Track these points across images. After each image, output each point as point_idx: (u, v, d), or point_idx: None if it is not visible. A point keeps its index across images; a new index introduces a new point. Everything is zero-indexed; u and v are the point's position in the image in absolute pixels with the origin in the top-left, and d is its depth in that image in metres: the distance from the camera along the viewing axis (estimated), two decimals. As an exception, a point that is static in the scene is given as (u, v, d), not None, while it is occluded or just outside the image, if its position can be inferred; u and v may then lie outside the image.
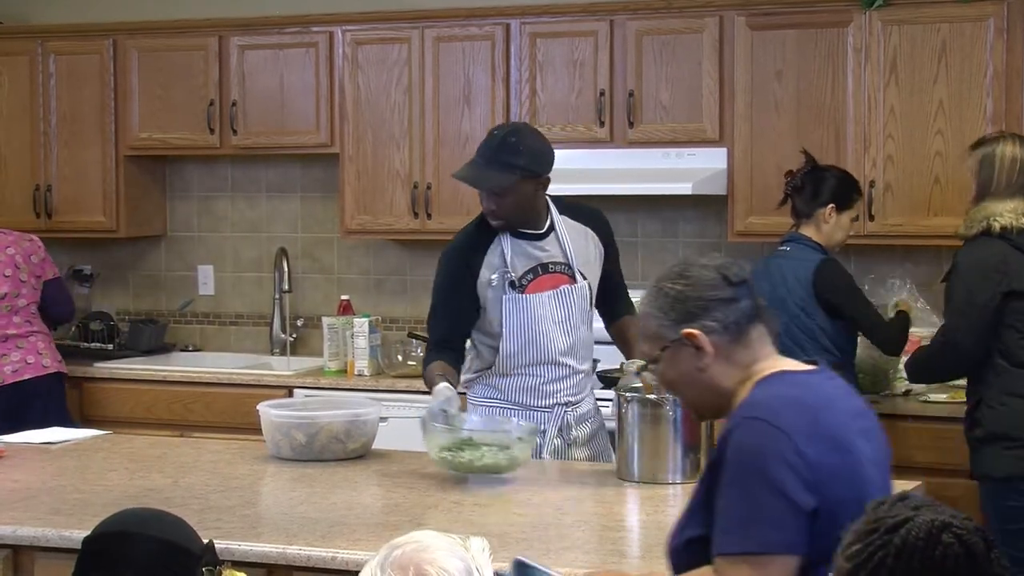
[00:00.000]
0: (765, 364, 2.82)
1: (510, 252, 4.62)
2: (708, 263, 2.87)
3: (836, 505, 2.62)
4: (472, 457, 4.18)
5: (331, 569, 3.44)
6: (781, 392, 2.76)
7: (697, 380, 2.82)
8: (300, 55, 6.69)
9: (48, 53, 7.11)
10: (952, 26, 5.73)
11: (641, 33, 6.14)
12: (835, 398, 2.81)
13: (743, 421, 2.71)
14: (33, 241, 6.45)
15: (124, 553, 2.44)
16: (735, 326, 2.80)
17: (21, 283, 6.31)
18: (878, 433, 2.87)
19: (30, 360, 6.25)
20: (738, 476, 2.67)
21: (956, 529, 2.07)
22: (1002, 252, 4.73)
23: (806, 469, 2.63)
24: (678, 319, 2.80)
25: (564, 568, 3.25)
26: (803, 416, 2.69)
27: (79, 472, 4.46)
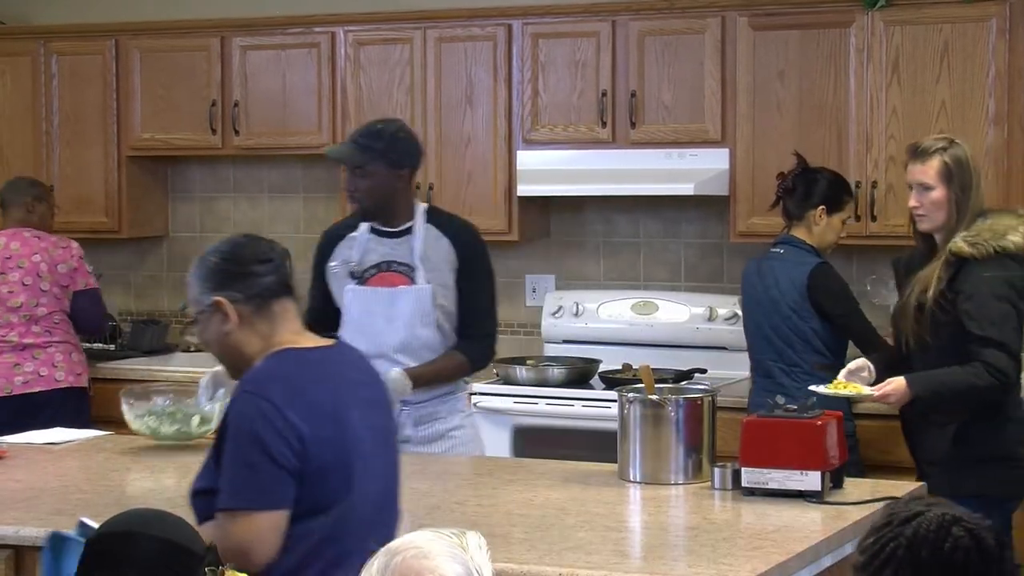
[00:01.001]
0: (283, 338, 3.16)
1: (363, 245, 4.80)
2: (245, 241, 3.23)
3: (322, 467, 3.05)
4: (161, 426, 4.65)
5: (333, 569, 3.44)
6: (279, 367, 3.12)
7: (224, 343, 3.19)
8: (302, 55, 6.70)
9: (50, 53, 7.11)
10: (954, 26, 5.74)
11: (643, 33, 6.15)
12: (337, 373, 3.19)
13: (242, 392, 3.09)
14: (67, 248, 6.34)
15: (127, 553, 2.45)
16: (258, 298, 3.14)
17: (42, 292, 6.22)
18: (385, 404, 3.33)
19: (43, 372, 6.19)
20: (234, 441, 3.06)
21: (967, 524, 2.10)
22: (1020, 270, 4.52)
23: (293, 437, 3.01)
24: (212, 287, 3.15)
25: (566, 568, 3.26)
26: (293, 389, 3.06)
27: (82, 472, 4.47)
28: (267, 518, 3.03)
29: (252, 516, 3.03)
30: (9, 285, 6.19)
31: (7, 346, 6.17)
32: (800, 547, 3.47)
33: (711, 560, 3.34)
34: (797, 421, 3.96)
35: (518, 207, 6.38)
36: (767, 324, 5.28)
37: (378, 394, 3.31)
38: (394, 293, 4.74)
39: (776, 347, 5.25)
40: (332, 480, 3.06)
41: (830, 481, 3.95)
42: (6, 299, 6.18)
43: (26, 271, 6.20)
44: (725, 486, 4.02)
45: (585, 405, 5.92)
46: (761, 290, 5.30)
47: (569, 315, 6.45)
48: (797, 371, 5.17)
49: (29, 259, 6.22)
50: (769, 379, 5.23)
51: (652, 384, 4.26)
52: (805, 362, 5.18)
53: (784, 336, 5.22)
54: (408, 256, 4.77)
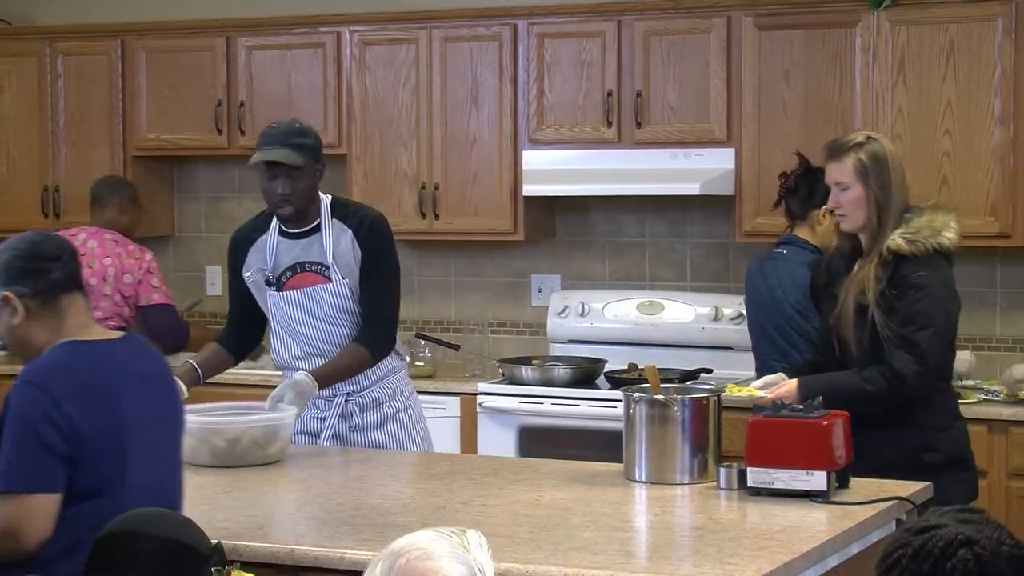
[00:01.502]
0: (70, 331, 3.33)
1: (275, 250, 4.81)
2: (38, 239, 3.37)
3: (95, 453, 3.22)
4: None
5: (339, 569, 3.44)
6: (60, 358, 3.29)
7: (13, 335, 3.37)
8: (308, 56, 6.71)
9: (56, 54, 7.12)
10: (960, 26, 5.74)
11: (649, 33, 6.15)
12: (120, 364, 3.36)
13: (21, 383, 3.25)
14: (139, 260, 6.24)
15: (133, 553, 2.45)
16: (46, 293, 3.31)
17: (102, 296, 6.14)
18: (169, 394, 3.51)
19: None
20: (10, 427, 3.22)
21: (979, 548, 2.06)
22: (949, 267, 4.43)
23: (66, 424, 3.18)
24: (3, 282, 3.32)
25: (572, 568, 3.26)
26: (71, 379, 3.24)
27: (87, 472, 4.47)
28: (38, 501, 3.18)
29: (23, 499, 3.17)
30: None
31: None
32: (806, 547, 3.46)
33: (717, 560, 3.34)
34: (803, 421, 3.96)
35: (524, 207, 6.38)
36: (771, 324, 5.28)
37: (161, 385, 3.49)
38: (312, 293, 4.77)
39: (780, 347, 5.25)
40: (103, 466, 3.23)
41: (836, 481, 3.94)
42: None
43: (93, 271, 6.16)
44: (731, 486, 4.02)
45: (591, 405, 5.92)
46: (764, 290, 5.30)
47: (575, 315, 6.45)
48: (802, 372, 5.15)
49: (100, 261, 6.19)
50: None
51: (658, 384, 4.26)
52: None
53: (788, 336, 5.22)
54: (320, 255, 4.79)
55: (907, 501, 3.95)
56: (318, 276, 4.79)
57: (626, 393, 4.25)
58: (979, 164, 5.73)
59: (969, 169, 5.74)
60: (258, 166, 4.73)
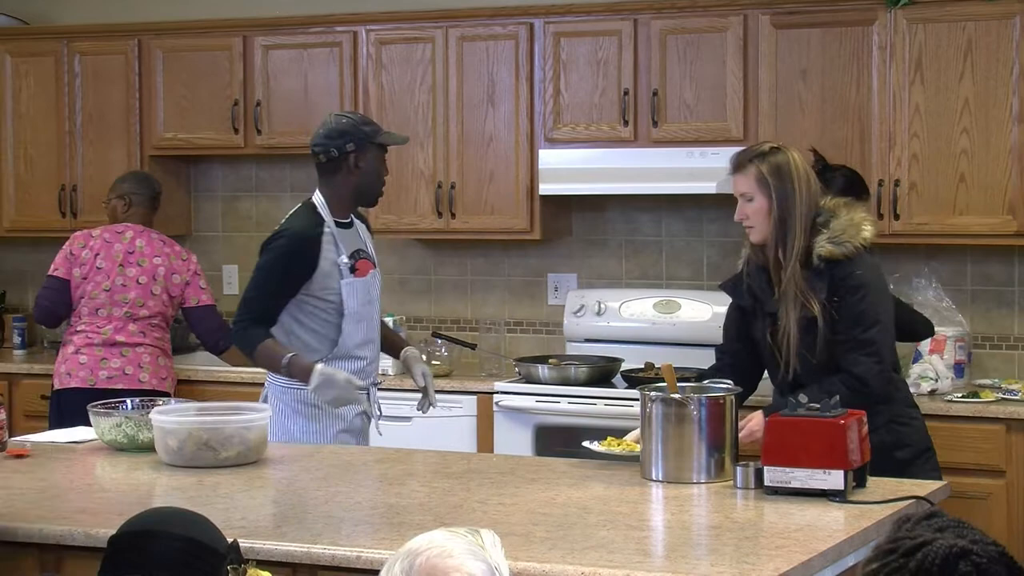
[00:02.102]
0: None
1: (340, 241, 4.94)
2: None
3: None
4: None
5: (356, 568, 3.44)
6: None
7: None
8: (324, 55, 6.71)
9: (73, 53, 7.14)
10: (977, 24, 5.72)
11: (665, 32, 6.14)
12: None
13: None
14: (187, 261, 6.30)
15: (150, 552, 2.45)
16: None
17: (151, 295, 6.20)
18: None
19: (128, 371, 6.17)
20: None
21: (975, 557, 2.03)
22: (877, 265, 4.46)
23: None
24: None
25: (588, 568, 3.25)
26: None
27: (105, 471, 4.48)
28: None
29: None
30: (125, 279, 6.19)
31: (100, 338, 6.17)
32: (823, 546, 3.46)
33: (734, 559, 3.33)
34: (820, 420, 3.95)
35: (540, 206, 6.38)
36: None
37: None
38: (374, 277, 5.03)
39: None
40: None
41: (853, 480, 3.94)
42: (118, 291, 6.18)
43: (143, 270, 6.19)
44: (748, 485, 4.02)
45: (607, 404, 5.92)
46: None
47: (591, 314, 6.45)
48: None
49: (151, 260, 6.21)
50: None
51: (674, 383, 4.25)
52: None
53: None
54: (362, 243, 5.04)
55: (925, 500, 3.94)
56: (368, 262, 5.01)
57: (643, 392, 4.25)
58: (997, 163, 5.72)
59: (987, 168, 5.73)
60: (380, 149, 4.96)
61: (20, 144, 7.25)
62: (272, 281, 4.92)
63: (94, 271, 6.18)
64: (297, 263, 4.88)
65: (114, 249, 6.20)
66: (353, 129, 4.93)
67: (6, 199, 7.23)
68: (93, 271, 6.18)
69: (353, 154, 4.91)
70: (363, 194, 4.98)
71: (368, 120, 5.06)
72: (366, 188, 4.96)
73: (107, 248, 6.20)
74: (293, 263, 4.88)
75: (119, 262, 6.18)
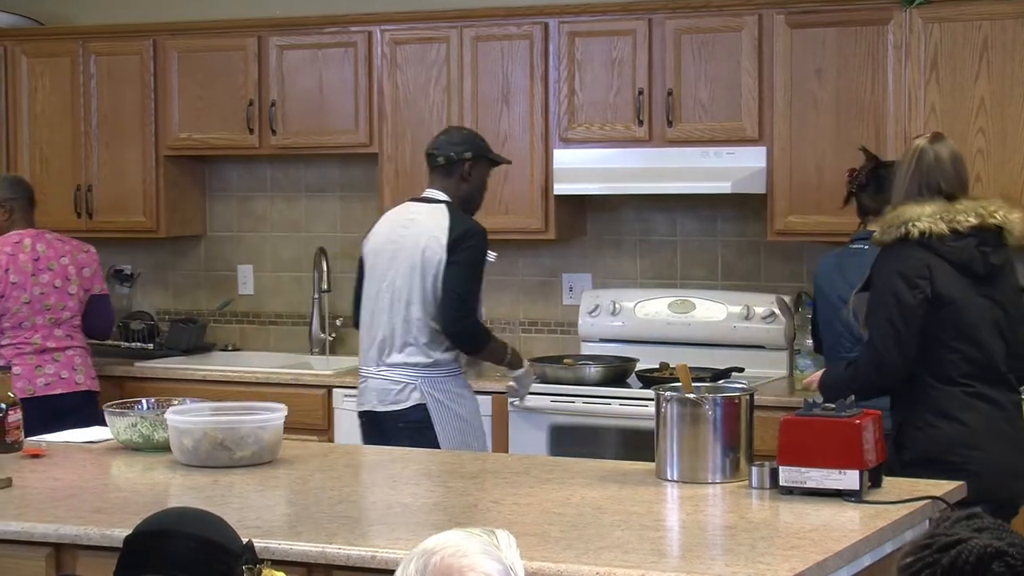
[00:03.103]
0: None
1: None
2: None
3: None
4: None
5: (371, 568, 3.44)
6: None
7: None
8: (339, 55, 6.71)
9: (89, 54, 7.15)
10: (993, 23, 5.71)
11: (680, 32, 6.14)
12: None
13: None
14: (89, 253, 6.36)
15: (165, 552, 2.45)
16: None
17: (68, 296, 6.24)
18: None
19: (64, 375, 6.20)
20: None
21: (1009, 559, 2.01)
22: (926, 260, 4.41)
23: None
24: None
25: (603, 568, 3.25)
26: None
27: (120, 471, 4.49)
28: None
29: None
30: (41, 286, 6.20)
31: (30, 348, 6.18)
32: (839, 546, 3.45)
33: (749, 559, 3.33)
34: (835, 420, 3.94)
35: (555, 206, 6.38)
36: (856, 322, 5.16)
37: None
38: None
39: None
40: None
41: (868, 480, 3.93)
42: (37, 300, 6.18)
43: (55, 274, 6.21)
44: (763, 485, 4.01)
45: (622, 404, 5.91)
46: (845, 288, 5.08)
47: (606, 313, 6.44)
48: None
49: (58, 261, 6.23)
50: None
51: (689, 383, 4.25)
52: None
53: None
54: None
55: (941, 500, 3.93)
56: None
57: (658, 392, 4.24)
58: (1013, 162, 5.70)
59: (1003, 167, 5.71)
60: (490, 163, 5.39)
61: (36, 144, 7.26)
62: (479, 275, 5.27)
63: (9, 287, 6.17)
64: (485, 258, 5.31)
65: (20, 261, 6.19)
66: (472, 139, 5.37)
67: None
68: (8, 287, 6.17)
69: (468, 162, 5.30)
70: (467, 201, 5.35)
71: (482, 136, 5.47)
72: (471, 196, 5.34)
73: (13, 261, 6.19)
74: (486, 255, 5.30)
75: (30, 272, 6.18)
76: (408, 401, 5.26)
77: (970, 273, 4.43)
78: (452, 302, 5.16)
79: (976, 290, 4.45)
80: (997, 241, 4.46)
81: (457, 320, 5.18)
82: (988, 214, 4.43)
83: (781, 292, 6.23)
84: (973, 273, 4.43)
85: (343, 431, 6.28)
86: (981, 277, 4.45)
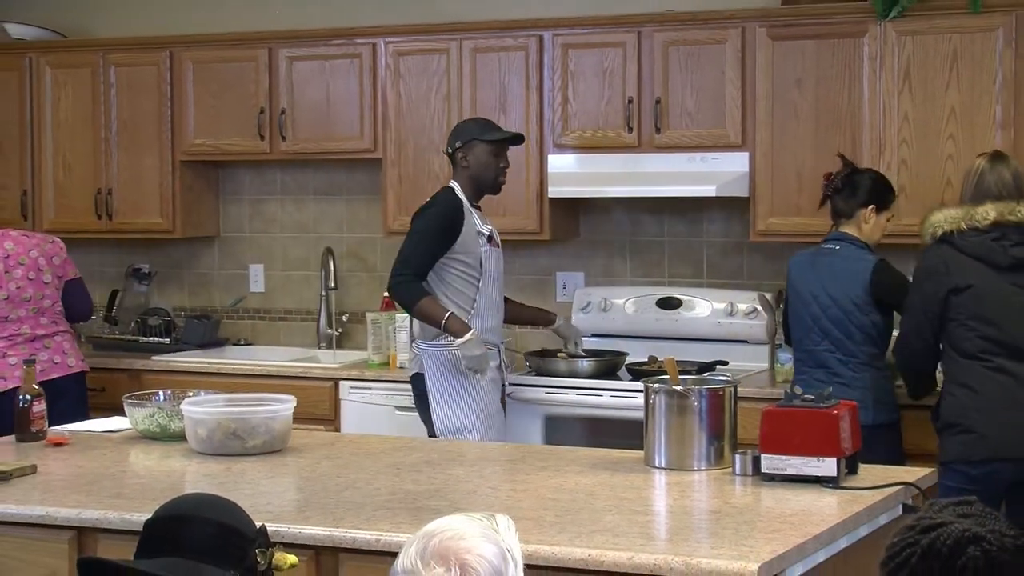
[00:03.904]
0: None
1: (479, 220, 5.48)
2: None
3: None
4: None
5: (376, 551, 3.45)
6: None
7: None
8: (345, 66, 6.71)
9: (109, 65, 7.15)
10: (963, 36, 5.71)
11: (667, 44, 6.14)
12: None
13: None
14: (55, 243, 6.32)
15: (184, 536, 2.45)
16: None
17: (45, 284, 6.20)
18: None
19: (56, 360, 6.18)
20: None
21: (986, 544, 2.02)
22: (943, 255, 4.82)
23: None
24: None
25: (595, 550, 3.26)
26: None
27: (139, 459, 4.49)
28: None
29: None
30: (16, 281, 6.16)
31: (21, 338, 6.15)
32: (817, 529, 3.46)
33: (733, 542, 3.34)
34: (814, 411, 3.95)
35: (549, 208, 6.38)
36: (824, 317, 5.24)
37: None
38: (500, 255, 5.57)
39: (834, 338, 5.23)
40: None
41: (845, 467, 3.94)
42: (15, 295, 6.15)
43: (27, 267, 6.17)
44: (746, 472, 4.02)
45: (613, 395, 5.92)
46: (817, 285, 5.26)
47: (597, 310, 6.44)
48: (855, 362, 5.19)
49: (28, 255, 6.20)
50: (823, 369, 5.21)
51: (676, 375, 4.26)
52: (863, 353, 5.19)
53: (845, 329, 5.21)
54: (487, 224, 5.53)
55: (913, 486, 3.94)
56: (495, 241, 5.54)
57: (646, 384, 4.25)
58: (981, 167, 5.70)
59: (972, 171, 5.71)
60: (489, 145, 5.46)
61: (59, 151, 7.26)
62: (428, 240, 5.35)
63: None
64: (448, 225, 5.36)
65: None
66: (462, 129, 5.53)
67: (46, 202, 7.24)
68: None
69: (460, 151, 5.47)
70: (478, 184, 5.50)
71: (483, 121, 5.61)
72: (478, 179, 5.48)
73: None
74: (445, 225, 5.36)
75: (2, 270, 6.13)
76: (413, 369, 5.53)
77: (992, 264, 4.77)
78: (394, 263, 5.41)
79: (1003, 278, 4.77)
80: (1021, 236, 4.78)
81: (392, 279, 5.41)
82: (1009, 212, 4.78)
83: (763, 290, 6.24)
84: (995, 264, 4.78)
85: (349, 421, 6.28)
86: (1005, 268, 4.77)
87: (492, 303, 5.51)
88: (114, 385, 6.49)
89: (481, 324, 5.41)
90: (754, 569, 3.13)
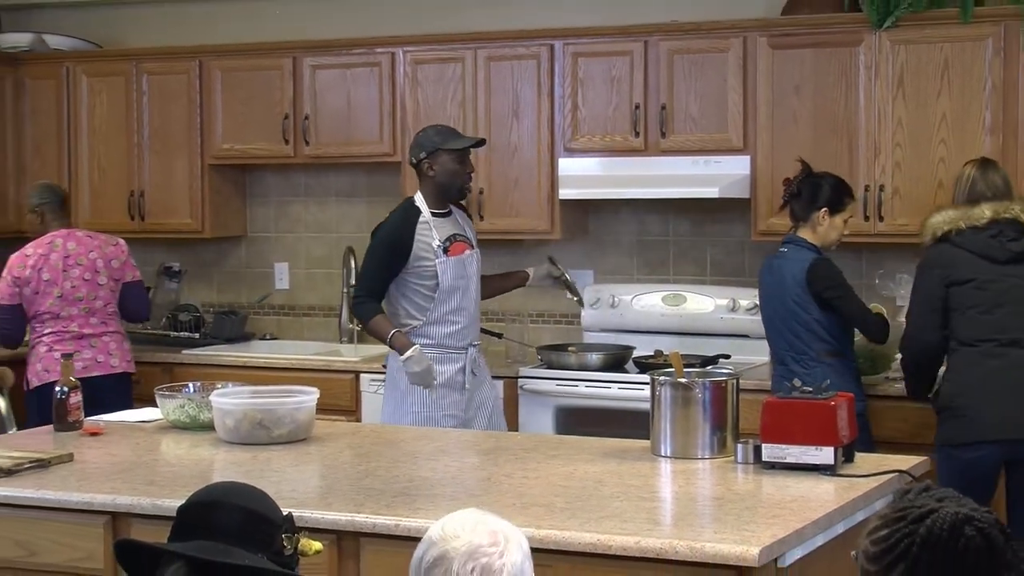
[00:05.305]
0: None
1: (435, 228, 5.31)
2: None
3: None
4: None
5: (395, 535, 3.45)
6: None
7: None
8: (365, 74, 6.71)
9: (142, 73, 7.16)
10: (954, 45, 5.70)
11: (672, 52, 6.13)
12: None
13: None
14: (118, 245, 6.31)
15: (214, 521, 2.45)
16: None
17: (99, 286, 6.20)
18: None
19: (100, 359, 6.18)
20: None
21: (977, 523, 2.03)
22: (944, 252, 4.93)
23: None
24: None
25: (604, 535, 3.25)
26: None
27: (170, 448, 4.50)
28: None
29: None
30: (72, 281, 6.16)
31: (68, 335, 6.16)
32: (816, 515, 3.46)
33: (735, 527, 3.33)
34: (812, 402, 3.94)
35: (560, 209, 6.38)
36: (777, 317, 5.28)
37: None
38: (468, 256, 5.37)
39: (787, 338, 5.24)
40: None
41: (842, 455, 3.93)
42: (69, 293, 6.15)
43: (85, 268, 6.17)
44: (747, 460, 4.01)
45: (621, 387, 5.91)
46: (772, 286, 5.31)
47: (606, 306, 6.44)
48: (805, 358, 5.18)
49: (87, 256, 6.20)
50: (783, 366, 5.23)
51: (681, 368, 4.25)
52: (812, 350, 5.18)
53: (792, 327, 5.22)
54: (460, 229, 5.39)
55: (906, 473, 3.93)
56: (463, 244, 5.36)
57: (653, 377, 4.25)
58: (972, 169, 5.68)
59: (963, 174, 5.70)
60: (452, 153, 5.28)
61: (94, 155, 7.28)
62: (376, 263, 5.31)
63: (43, 284, 6.13)
64: (396, 246, 5.26)
65: (51, 260, 6.15)
66: (424, 139, 5.35)
67: (82, 204, 7.25)
68: (42, 284, 6.13)
69: (425, 161, 5.30)
70: (444, 191, 5.34)
71: (444, 130, 5.41)
72: (444, 187, 5.32)
73: (45, 261, 6.14)
74: (392, 247, 5.27)
75: (61, 269, 6.13)
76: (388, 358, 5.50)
77: (990, 258, 4.87)
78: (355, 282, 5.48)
79: (1002, 271, 4.87)
80: (1018, 232, 4.89)
81: (352, 298, 5.58)
82: (1004, 210, 4.90)
83: (763, 287, 6.23)
84: (994, 258, 4.87)
85: (369, 412, 6.28)
86: (1003, 261, 4.86)
87: (455, 309, 5.33)
88: (147, 378, 6.50)
89: (443, 330, 5.32)
90: (755, 553, 3.13)
